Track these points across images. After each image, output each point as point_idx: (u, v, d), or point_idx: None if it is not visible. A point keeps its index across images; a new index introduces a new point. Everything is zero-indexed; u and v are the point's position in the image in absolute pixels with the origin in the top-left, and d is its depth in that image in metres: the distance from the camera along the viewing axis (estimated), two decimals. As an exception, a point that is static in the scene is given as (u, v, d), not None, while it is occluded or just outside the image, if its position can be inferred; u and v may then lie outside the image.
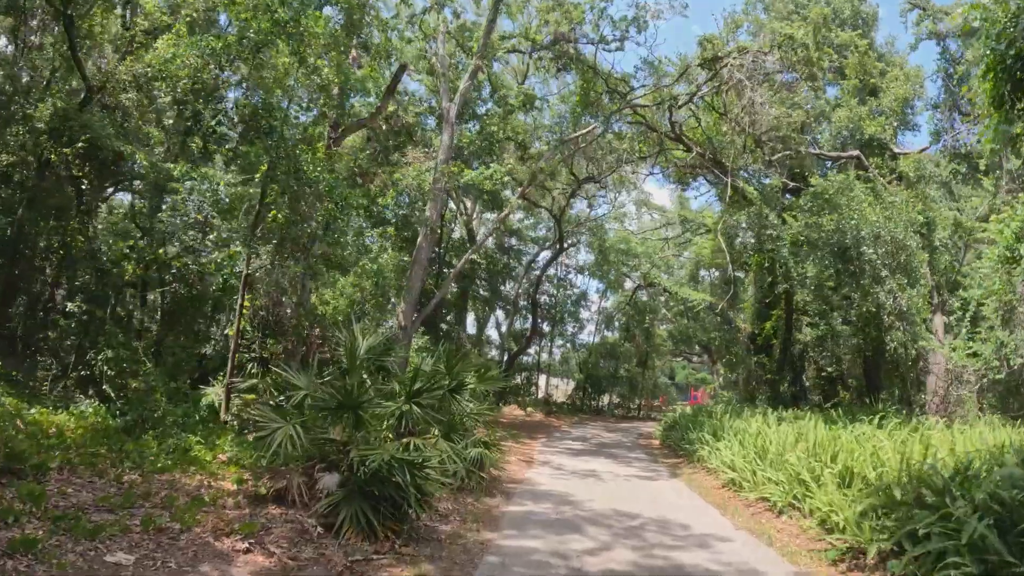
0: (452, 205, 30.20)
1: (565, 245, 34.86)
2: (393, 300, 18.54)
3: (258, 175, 12.88)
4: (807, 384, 32.39)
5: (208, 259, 15.52)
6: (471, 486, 11.25)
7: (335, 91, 16.86)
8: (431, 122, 23.59)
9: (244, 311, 13.45)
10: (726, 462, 14.13)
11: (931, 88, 40.84)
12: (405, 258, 19.49)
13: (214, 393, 13.48)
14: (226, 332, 15.60)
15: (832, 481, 9.55)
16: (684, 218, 42.50)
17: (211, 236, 15.65)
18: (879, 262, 21.60)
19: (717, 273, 48.63)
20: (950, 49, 25.35)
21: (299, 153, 13.11)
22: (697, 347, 64.98)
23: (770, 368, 29.81)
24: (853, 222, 21.78)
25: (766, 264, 28.13)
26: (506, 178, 19.58)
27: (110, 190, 19.91)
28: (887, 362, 25.98)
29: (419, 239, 17.94)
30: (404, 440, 8.86)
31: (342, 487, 7.87)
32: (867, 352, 26.78)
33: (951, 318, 22.83)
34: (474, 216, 33.68)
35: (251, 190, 13.89)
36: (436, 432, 9.87)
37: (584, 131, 21.46)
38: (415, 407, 9.37)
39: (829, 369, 27.48)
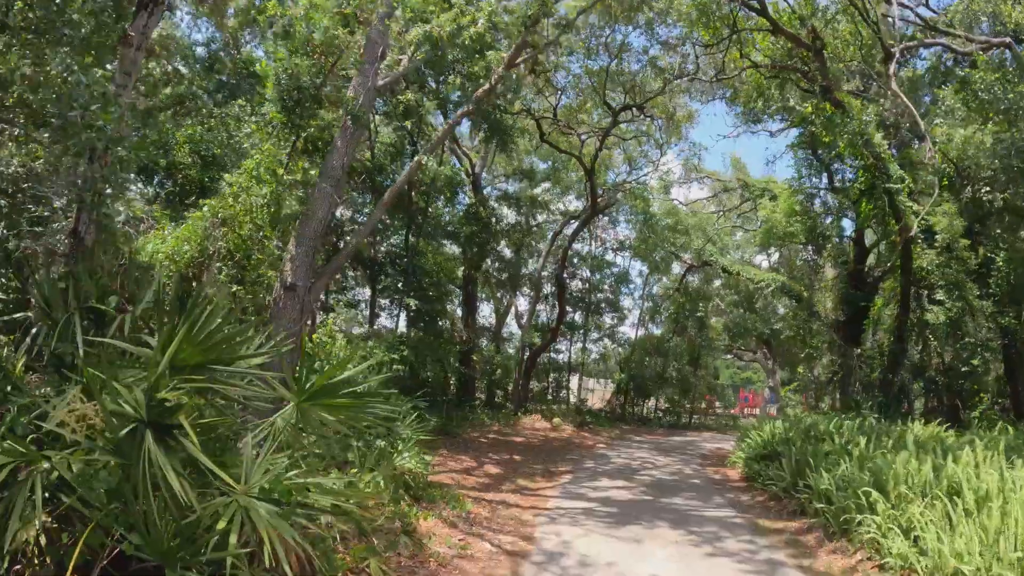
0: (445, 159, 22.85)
1: (599, 206, 27.15)
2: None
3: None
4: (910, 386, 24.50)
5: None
6: None
7: None
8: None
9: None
10: (942, 559, 6.60)
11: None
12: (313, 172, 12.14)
13: None
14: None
15: None
16: (744, 183, 34.68)
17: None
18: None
19: (780, 253, 40.90)
20: None
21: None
22: (753, 342, 57.45)
23: (879, 363, 21.95)
24: None
25: (874, 213, 20.34)
26: (490, 32, 12.11)
27: None
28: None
29: (336, 139, 10.79)
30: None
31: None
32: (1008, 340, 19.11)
33: None
34: (477, 160, 26.30)
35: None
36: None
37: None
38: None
39: (972, 364, 19.51)
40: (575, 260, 34.14)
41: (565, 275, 31.22)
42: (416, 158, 11.49)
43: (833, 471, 10.57)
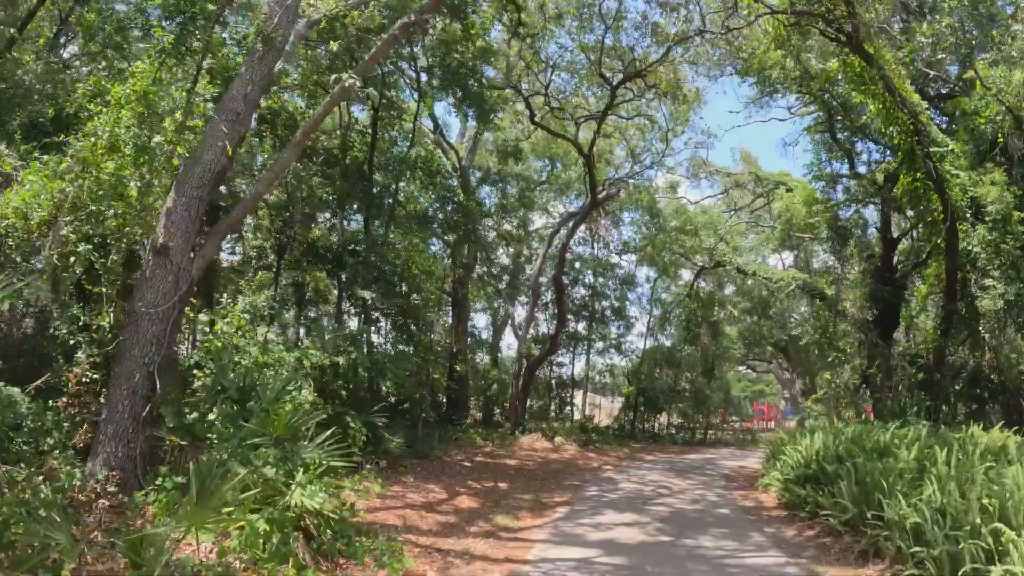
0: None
1: (599, 198, 24.43)
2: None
3: None
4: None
5: None
6: None
7: None
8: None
9: None
10: None
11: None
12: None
13: None
14: None
15: None
16: (756, 176, 31.92)
17: None
18: None
19: (796, 255, 38.10)
20: None
21: None
22: (768, 351, 54.60)
23: (925, 362, 19.06)
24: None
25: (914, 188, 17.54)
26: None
27: None
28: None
29: (244, 68, 8.17)
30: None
31: None
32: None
33: None
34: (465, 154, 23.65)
35: None
36: None
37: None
38: None
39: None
40: (576, 265, 31.45)
41: (565, 279, 28.48)
42: (340, 84, 8.81)
43: (917, 496, 7.79)
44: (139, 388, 7.25)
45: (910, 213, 22.31)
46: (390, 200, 15.88)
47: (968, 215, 16.66)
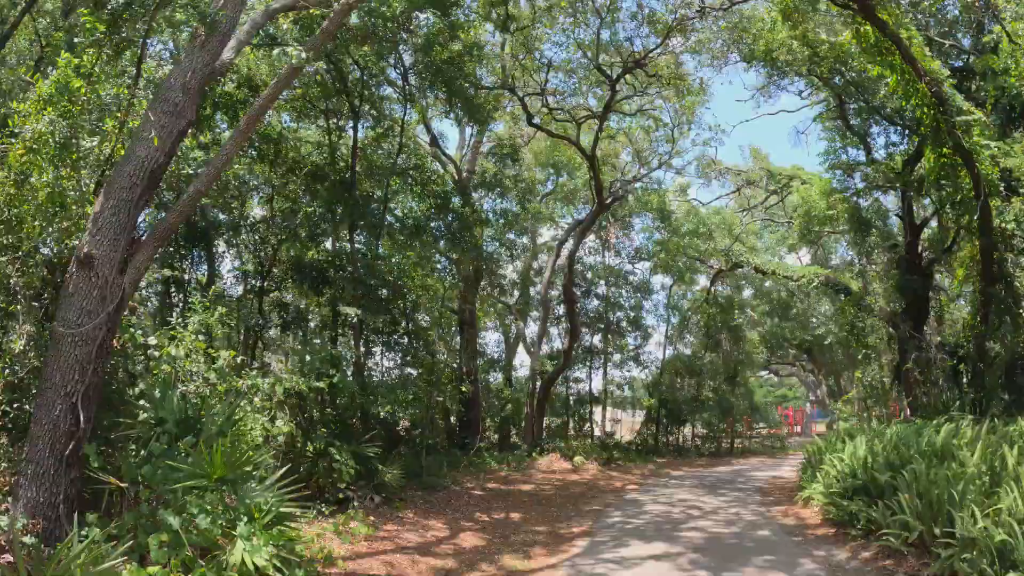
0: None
1: (606, 200, 23.30)
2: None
3: None
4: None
5: None
6: None
7: None
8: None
9: None
10: None
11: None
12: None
13: None
14: None
15: None
16: (768, 172, 30.67)
17: None
18: None
19: (814, 252, 36.76)
20: None
21: None
22: (791, 354, 53.20)
23: (966, 352, 17.66)
24: None
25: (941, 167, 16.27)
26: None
27: None
28: None
29: (184, 54, 7.17)
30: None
31: None
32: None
33: None
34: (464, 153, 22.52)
35: None
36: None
37: None
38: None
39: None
40: (588, 275, 30.27)
41: (576, 290, 27.29)
42: (289, 62, 7.71)
43: (993, 507, 6.56)
44: (61, 422, 6.13)
45: (932, 198, 21.09)
46: (372, 207, 14.70)
47: (1001, 189, 15.45)
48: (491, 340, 33.45)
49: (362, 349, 14.24)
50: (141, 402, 7.09)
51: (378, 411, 12.00)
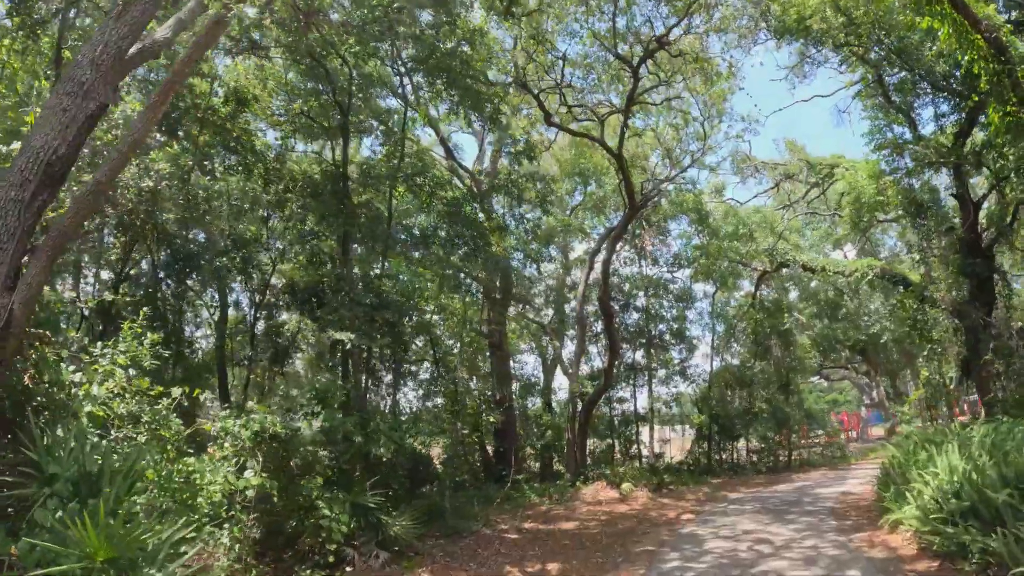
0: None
1: (637, 202, 21.67)
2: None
3: None
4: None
5: None
6: None
7: None
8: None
9: None
10: None
11: None
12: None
13: None
14: None
15: None
16: (808, 163, 28.74)
17: None
18: None
19: (862, 247, 34.62)
20: None
21: None
22: (844, 356, 50.73)
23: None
24: None
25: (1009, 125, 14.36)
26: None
27: None
28: None
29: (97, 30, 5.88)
30: None
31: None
32: None
33: None
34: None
35: None
36: None
37: None
38: None
39: None
40: (625, 287, 28.53)
41: (614, 304, 25.58)
42: (212, 8, 6.27)
43: None
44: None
45: (991, 168, 19.12)
46: (373, 218, 13.21)
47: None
48: (527, 363, 31.82)
49: (365, 380, 12.73)
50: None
51: (380, 452, 10.41)
